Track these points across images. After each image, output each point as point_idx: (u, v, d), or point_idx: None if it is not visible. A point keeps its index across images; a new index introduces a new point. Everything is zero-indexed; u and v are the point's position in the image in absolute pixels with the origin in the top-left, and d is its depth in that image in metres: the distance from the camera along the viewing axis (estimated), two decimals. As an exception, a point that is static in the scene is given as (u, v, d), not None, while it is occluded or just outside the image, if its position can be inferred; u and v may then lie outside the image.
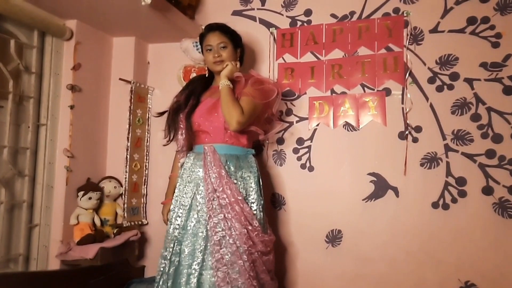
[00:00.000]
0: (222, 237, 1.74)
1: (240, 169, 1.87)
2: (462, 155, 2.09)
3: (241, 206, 1.77)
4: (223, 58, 1.93)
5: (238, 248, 1.72)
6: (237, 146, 1.92)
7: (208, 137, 1.92)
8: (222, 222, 1.75)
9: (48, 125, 2.27)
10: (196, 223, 1.80)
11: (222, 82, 1.86)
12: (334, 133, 2.32)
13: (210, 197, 1.79)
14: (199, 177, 1.85)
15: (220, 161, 1.83)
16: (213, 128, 1.90)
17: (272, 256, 1.87)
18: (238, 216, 1.75)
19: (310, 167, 2.35)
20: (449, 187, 2.09)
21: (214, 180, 1.80)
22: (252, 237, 1.76)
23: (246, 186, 1.86)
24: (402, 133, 2.19)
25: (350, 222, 2.25)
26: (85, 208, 2.31)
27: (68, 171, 2.28)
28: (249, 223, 1.76)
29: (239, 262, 1.71)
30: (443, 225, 2.08)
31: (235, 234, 1.73)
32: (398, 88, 2.22)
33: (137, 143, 2.56)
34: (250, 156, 1.96)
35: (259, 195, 1.87)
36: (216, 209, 1.77)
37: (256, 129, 1.94)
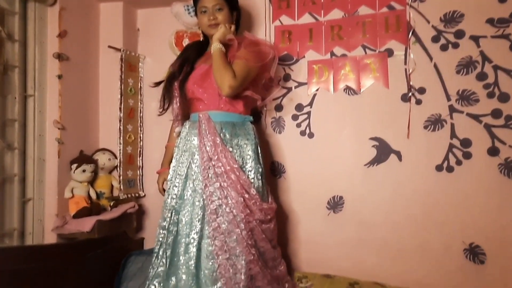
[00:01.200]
0: (219, 206, 1.70)
1: (236, 136, 1.80)
2: (467, 116, 2.02)
3: (237, 174, 1.71)
4: (219, 21, 1.83)
5: (235, 217, 1.68)
6: (233, 113, 1.85)
7: (202, 104, 1.85)
8: (218, 191, 1.71)
9: (35, 96, 2.17)
10: (192, 192, 1.76)
11: (214, 45, 1.77)
12: (335, 98, 2.24)
13: (206, 165, 1.73)
14: (194, 146, 1.80)
15: (215, 128, 1.77)
16: (207, 95, 1.83)
17: (272, 224, 1.82)
18: (234, 184, 1.70)
19: (310, 133, 2.28)
20: (453, 149, 2.04)
21: (209, 149, 1.74)
22: (249, 206, 1.71)
23: (243, 154, 1.80)
24: (405, 95, 2.11)
25: (351, 188, 2.20)
26: (79, 181, 2.25)
27: (60, 144, 2.20)
28: (245, 191, 1.71)
29: (236, 230, 1.67)
30: (447, 188, 2.04)
31: (232, 203, 1.69)
32: (400, 48, 2.12)
33: (130, 114, 2.47)
34: (247, 123, 1.88)
35: (256, 163, 1.81)
36: (212, 178, 1.72)
37: (252, 94, 1.85)
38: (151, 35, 2.55)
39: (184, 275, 1.70)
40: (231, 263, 1.66)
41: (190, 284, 1.69)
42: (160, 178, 2.07)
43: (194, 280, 1.69)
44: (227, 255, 1.66)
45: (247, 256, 1.66)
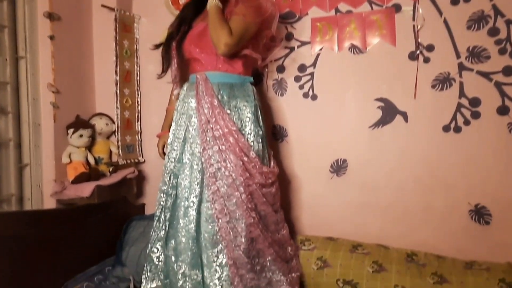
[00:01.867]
0: (218, 169, 1.66)
1: (234, 98, 1.73)
2: (477, 73, 1.94)
3: (235, 137, 1.66)
4: None
5: (234, 181, 1.64)
6: (231, 73, 1.77)
7: (199, 65, 1.77)
8: (217, 154, 1.66)
9: (27, 58, 2.08)
10: (191, 155, 1.71)
11: (210, 1, 1.66)
12: (339, 57, 2.15)
13: (204, 128, 1.68)
14: (192, 108, 1.74)
15: (212, 90, 1.70)
16: (204, 54, 1.75)
17: (274, 189, 1.78)
18: (233, 147, 1.65)
19: (313, 95, 2.20)
20: (461, 108, 1.97)
21: (207, 111, 1.68)
22: (248, 169, 1.66)
23: (242, 116, 1.73)
24: (412, 53, 2.03)
25: (355, 151, 2.15)
26: (76, 146, 2.19)
27: (55, 108, 2.13)
28: (244, 154, 1.66)
29: (236, 194, 1.63)
30: (454, 149, 1.99)
31: (231, 166, 1.64)
32: (409, 3, 2.01)
33: (126, 77, 2.38)
34: (247, 85, 1.80)
35: (256, 126, 1.74)
36: (210, 141, 1.67)
37: (251, 52, 1.76)
38: (146, -7, 2.43)
39: (183, 238, 1.69)
40: (231, 226, 1.63)
41: (190, 247, 1.67)
42: (160, 142, 2.02)
43: (194, 243, 1.67)
44: (227, 218, 1.63)
45: (247, 219, 1.63)
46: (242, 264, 1.62)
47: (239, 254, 1.62)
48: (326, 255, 1.93)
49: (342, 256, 1.91)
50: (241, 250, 1.62)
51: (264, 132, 1.79)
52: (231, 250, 1.62)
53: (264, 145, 1.77)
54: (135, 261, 2.02)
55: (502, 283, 1.67)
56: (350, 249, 1.96)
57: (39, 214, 1.90)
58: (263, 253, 1.69)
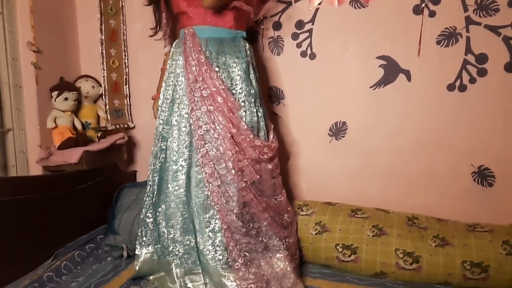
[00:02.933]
0: (206, 131, 1.56)
1: (223, 54, 1.61)
2: (485, 28, 1.83)
3: (223, 96, 1.55)
4: None
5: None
6: (221, 27, 1.64)
7: (187, 18, 1.65)
8: (205, 115, 1.56)
9: (4, 14, 1.92)
10: (178, 117, 1.61)
11: None
12: (339, 12, 2.01)
13: (192, 87, 1.57)
14: (179, 66, 1.63)
15: (200, 45, 1.58)
16: (192, 8, 1.62)
17: (272, 165, 1.66)
18: (221, 108, 1.54)
19: (311, 54, 2.08)
20: (467, 66, 1.87)
21: (195, 69, 1.57)
22: (238, 142, 1.56)
23: (232, 74, 1.61)
24: (417, 6, 1.90)
25: (355, 113, 2.05)
26: (61, 110, 2.08)
27: (37, 68, 2.00)
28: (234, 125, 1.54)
29: (226, 157, 1.55)
30: (458, 108, 1.90)
31: (219, 128, 1.55)
32: (415, -49, 1.88)
33: (112, 37, 2.24)
34: (238, 39, 1.67)
35: (248, 85, 1.62)
36: (198, 101, 1.57)
37: (241, 4, 1.62)
38: None
39: (172, 203, 1.62)
40: (222, 190, 1.55)
41: (181, 212, 1.60)
42: (154, 105, 1.91)
43: (185, 208, 1.60)
44: (218, 182, 1.55)
45: (239, 183, 1.54)
46: (237, 229, 1.55)
47: (232, 219, 1.55)
48: (325, 220, 1.87)
49: (341, 221, 1.86)
50: (234, 215, 1.54)
51: (258, 91, 1.68)
52: (224, 215, 1.55)
53: (259, 110, 1.66)
54: (128, 229, 1.95)
55: (506, 245, 1.63)
56: (349, 213, 1.90)
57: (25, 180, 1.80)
58: (258, 217, 1.62)
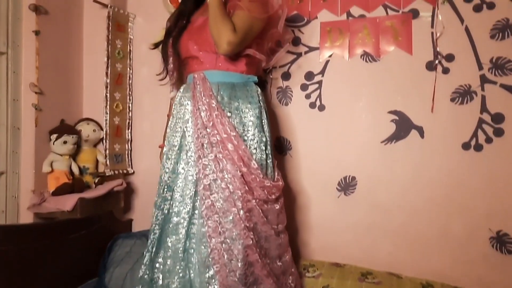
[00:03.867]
0: (213, 180, 1.46)
1: (235, 99, 1.54)
2: (500, 87, 1.78)
3: (234, 143, 1.46)
4: None
5: (232, 194, 1.44)
6: (233, 72, 1.58)
7: (197, 63, 1.59)
8: (213, 163, 1.46)
9: (9, 54, 1.89)
10: (185, 165, 1.52)
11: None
12: (350, 65, 1.98)
13: (199, 134, 1.49)
14: (188, 112, 1.55)
15: (211, 90, 1.51)
16: (203, 52, 1.56)
17: (278, 206, 1.58)
18: (231, 155, 1.46)
19: (320, 105, 2.03)
20: (483, 125, 1.81)
21: (204, 114, 1.49)
22: (248, 182, 1.47)
23: (244, 120, 1.53)
24: (430, 63, 1.86)
25: (366, 168, 1.97)
26: (59, 153, 1.99)
27: (37, 110, 1.94)
28: (244, 164, 1.46)
29: (233, 210, 1.43)
30: (474, 168, 1.82)
31: (228, 177, 1.45)
32: (427, 8, 1.86)
33: (118, 80, 2.19)
34: (250, 84, 1.61)
35: (260, 131, 1.55)
36: (207, 148, 1.48)
37: (254, 52, 1.58)
38: (143, -9, 2.26)
39: (169, 259, 1.49)
40: (226, 248, 1.42)
41: (176, 271, 1.47)
42: (162, 153, 1.77)
43: (182, 266, 1.47)
44: (221, 238, 1.42)
45: (245, 240, 1.41)
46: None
47: (233, 282, 1.40)
48: (333, 283, 1.74)
49: (350, 286, 1.72)
50: (236, 277, 1.40)
51: (269, 139, 1.60)
52: (225, 276, 1.40)
53: (269, 154, 1.58)
54: (119, 284, 1.81)
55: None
56: (359, 277, 1.76)
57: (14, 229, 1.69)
58: (261, 280, 1.49)
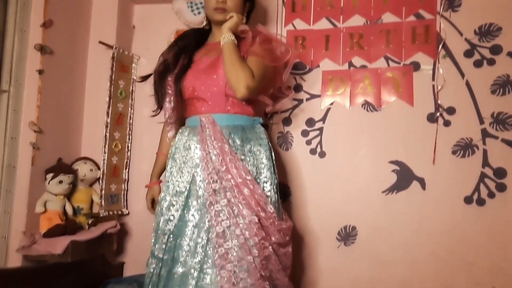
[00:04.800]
0: (227, 227, 1.39)
1: (247, 141, 1.51)
2: (502, 142, 1.78)
3: (250, 187, 1.41)
4: (228, 6, 1.53)
5: (247, 241, 1.37)
6: (241, 115, 1.55)
7: (205, 105, 1.54)
8: (226, 209, 1.40)
9: (11, 92, 1.88)
10: (196, 212, 1.44)
11: (226, 36, 1.47)
12: (351, 114, 1.99)
13: (210, 179, 1.43)
14: (198, 156, 1.49)
15: (222, 134, 1.47)
16: (211, 94, 1.52)
17: (290, 248, 1.52)
18: (247, 200, 1.40)
19: (321, 152, 2.02)
20: (485, 179, 1.79)
21: (215, 158, 1.44)
22: (265, 226, 1.41)
23: (257, 162, 1.49)
24: (431, 115, 1.87)
25: (366, 218, 1.93)
26: (54, 193, 1.95)
27: (35, 149, 1.91)
28: (261, 208, 1.40)
29: (248, 258, 1.36)
30: (478, 223, 1.79)
31: (243, 223, 1.39)
32: (428, 62, 1.90)
33: (119, 120, 2.19)
34: (258, 126, 1.58)
35: (272, 172, 1.52)
36: (219, 193, 1.42)
37: (264, 98, 1.59)
38: (148, 33, 2.29)
39: None
40: None
41: None
42: (149, 194, 1.75)
43: None
44: None
45: None
46: None
47: None
48: None
49: None
50: None
51: (278, 179, 1.56)
52: None
53: (279, 195, 1.54)
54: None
55: None
56: (359, 334, 1.69)
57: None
58: None
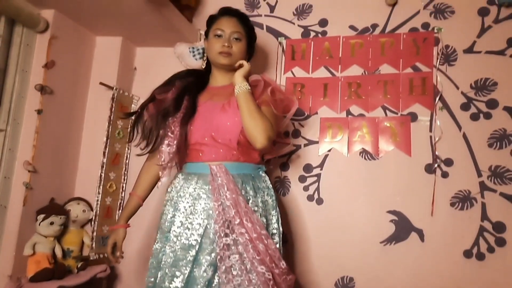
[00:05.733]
0: (238, 285, 1.31)
1: (259, 191, 1.46)
2: (500, 196, 1.78)
3: (265, 243, 1.35)
4: (233, 51, 1.52)
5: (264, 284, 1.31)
6: (249, 163, 1.50)
7: (215, 152, 1.46)
8: (238, 264, 1.33)
9: (8, 132, 1.86)
10: (208, 267, 1.33)
11: (242, 85, 1.43)
12: (349, 161, 1.99)
13: (222, 232, 1.34)
14: (210, 207, 1.39)
15: (235, 184, 1.40)
16: (223, 141, 1.46)
17: None
18: (262, 256, 1.33)
19: (318, 199, 2.00)
20: (485, 233, 1.77)
21: (228, 210, 1.36)
22: (278, 283, 1.35)
23: (266, 213, 1.46)
24: (429, 166, 1.88)
25: (364, 269, 1.89)
26: (44, 235, 1.89)
27: (28, 189, 1.87)
28: (275, 264, 1.35)
29: None
30: (477, 278, 1.75)
31: (256, 280, 1.32)
32: (426, 113, 1.92)
33: (115, 160, 2.17)
34: (264, 175, 1.55)
35: (279, 224, 1.50)
36: (231, 247, 1.34)
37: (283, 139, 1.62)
38: (149, 75, 2.32)
39: None
40: None
41: None
42: (112, 237, 1.55)
43: None
44: None
45: None
46: None
47: None
48: None
49: None
50: None
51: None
52: None
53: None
54: None
55: None
56: None
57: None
58: None
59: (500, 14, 1.87)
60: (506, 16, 1.87)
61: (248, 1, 2.25)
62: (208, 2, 2.32)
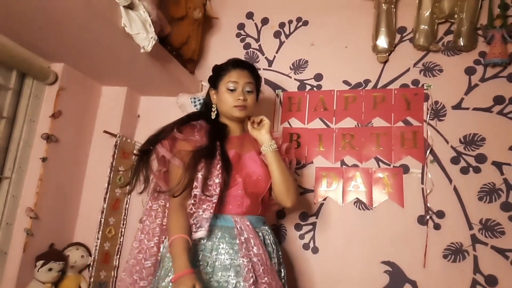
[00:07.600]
0: None
1: (276, 245, 1.48)
2: (492, 249, 1.81)
3: None
4: (247, 104, 1.51)
5: None
6: (262, 216, 1.50)
7: (247, 205, 1.40)
8: None
9: (12, 179, 1.93)
10: None
11: (272, 143, 1.45)
12: (344, 211, 2.03)
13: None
14: (238, 264, 1.30)
15: (259, 239, 1.36)
16: (252, 193, 1.43)
17: None
18: None
19: (314, 248, 2.03)
20: (477, 286, 1.79)
21: (257, 268, 1.29)
22: None
23: (280, 266, 1.47)
24: (422, 217, 1.92)
25: (359, 320, 1.89)
26: (42, 281, 1.92)
27: (28, 235, 1.91)
28: None
29: None
30: (471, 333, 1.75)
31: None
32: (417, 166, 1.98)
33: (115, 205, 2.21)
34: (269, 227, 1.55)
35: (285, 278, 1.51)
36: None
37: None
38: (151, 123, 2.38)
39: None
40: None
41: None
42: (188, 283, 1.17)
43: None
44: None
45: None
46: None
47: None
48: None
49: None
50: None
51: None
52: None
53: None
54: None
55: None
56: None
57: None
58: None
59: (486, 73, 1.97)
60: (492, 75, 1.97)
61: (248, 55, 2.37)
62: (210, 54, 2.45)
